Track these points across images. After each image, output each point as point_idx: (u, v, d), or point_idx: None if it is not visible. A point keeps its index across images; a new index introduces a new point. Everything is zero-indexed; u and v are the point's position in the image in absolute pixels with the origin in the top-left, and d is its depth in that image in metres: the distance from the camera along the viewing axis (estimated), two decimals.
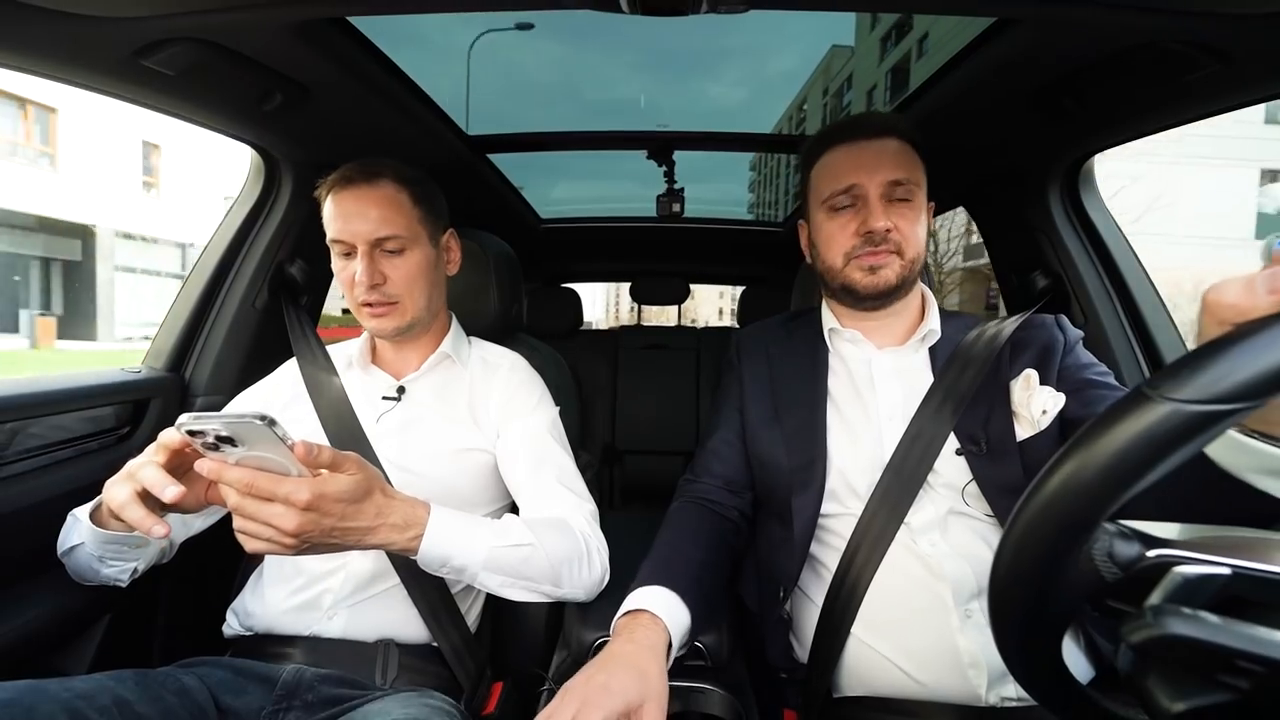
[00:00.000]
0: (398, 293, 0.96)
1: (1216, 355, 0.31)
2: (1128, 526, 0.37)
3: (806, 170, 0.97)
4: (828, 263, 0.93)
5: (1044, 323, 0.93)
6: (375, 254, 0.94)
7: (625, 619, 0.73)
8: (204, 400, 1.24)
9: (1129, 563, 0.36)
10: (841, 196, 0.89)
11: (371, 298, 0.94)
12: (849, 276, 0.90)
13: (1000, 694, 0.75)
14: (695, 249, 2.68)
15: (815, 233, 0.95)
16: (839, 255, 0.90)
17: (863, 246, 0.88)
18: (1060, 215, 1.28)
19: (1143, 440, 0.32)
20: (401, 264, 0.96)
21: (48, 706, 0.65)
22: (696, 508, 0.95)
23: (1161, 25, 0.75)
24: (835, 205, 0.90)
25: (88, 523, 0.78)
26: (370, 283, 0.93)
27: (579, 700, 0.60)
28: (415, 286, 0.98)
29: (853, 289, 0.90)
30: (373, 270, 0.93)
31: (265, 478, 0.62)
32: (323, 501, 0.63)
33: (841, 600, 0.82)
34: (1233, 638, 0.31)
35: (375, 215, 0.93)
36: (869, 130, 0.90)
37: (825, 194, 0.91)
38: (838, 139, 0.92)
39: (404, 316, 0.97)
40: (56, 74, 0.86)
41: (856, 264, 0.89)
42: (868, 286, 0.89)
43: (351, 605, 0.91)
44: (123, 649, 1.06)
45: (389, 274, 0.95)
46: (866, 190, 0.87)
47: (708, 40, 70.79)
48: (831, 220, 0.91)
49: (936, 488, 0.84)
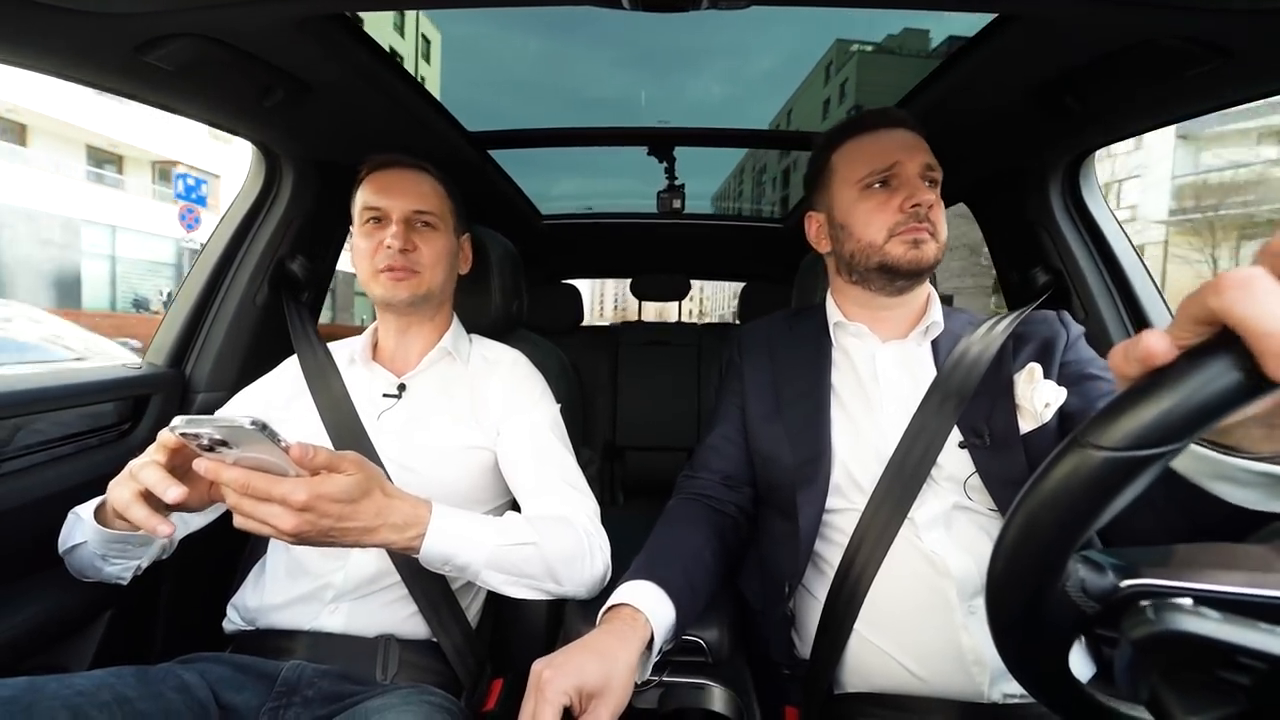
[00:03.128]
0: (424, 263, 1.01)
1: (1134, 404, 0.32)
2: (1096, 558, 0.37)
3: (824, 158, 0.97)
4: (865, 240, 0.91)
5: (1046, 318, 0.93)
6: (408, 226, 1.00)
7: (608, 613, 0.74)
8: (204, 397, 1.24)
9: (1103, 595, 0.36)
10: (881, 175, 0.89)
11: (398, 262, 0.98)
12: (890, 252, 0.89)
13: (1003, 690, 0.75)
14: (696, 245, 2.68)
15: (846, 215, 0.93)
16: (881, 231, 0.89)
17: (907, 221, 0.88)
18: (1061, 211, 1.28)
19: (1085, 488, 0.33)
20: (431, 240, 1.02)
21: (47, 704, 0.65)
22: (693, 503, 0.95)
23: (1162, 21, 0.75)
24: (871, 184, 0.90)
25: (91, 522, 0.78)
26: (402, 247, 0.97)
27: (537, 673, 0.63)
28: (439, 263, 1.03)
29: (893, 265, 0.90)
30: (406, 237, 0.99)
31: (261, 478, 0.62)
32: (320, 502, 0.63)
33: (844, 596, 0.82)
34: (1234, 634, 0.31)
35: (415, 191, 1.02)
36: (896, 121, 0.92)
37: (861, 174, 0.90)
38: (865, 127, 0.93)
39: (421, 286, 1.01)
40: (58, 70, 0.86)
41: (900, 239, 0.88)
42: (911, 261, 0.88)
43: (352, 601, 0.91)
44: (124, 645, 1.06)
45: (420, 244, 1.00)
46: (908, 169, 0.88)
47: (709, 36, 70.71)
48: (867, 199, 0.91)
49: (940, 482, 0.84)
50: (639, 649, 0.70)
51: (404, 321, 1.05)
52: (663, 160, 1.86)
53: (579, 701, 0.63)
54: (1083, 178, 1.26)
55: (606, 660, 0.66)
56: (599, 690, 0.63)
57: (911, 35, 26.60)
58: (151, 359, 1.26)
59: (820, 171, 0.98)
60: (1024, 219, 1.32)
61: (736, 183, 7.57)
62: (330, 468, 0.65)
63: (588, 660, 0.65)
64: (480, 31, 57.83)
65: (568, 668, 0.63)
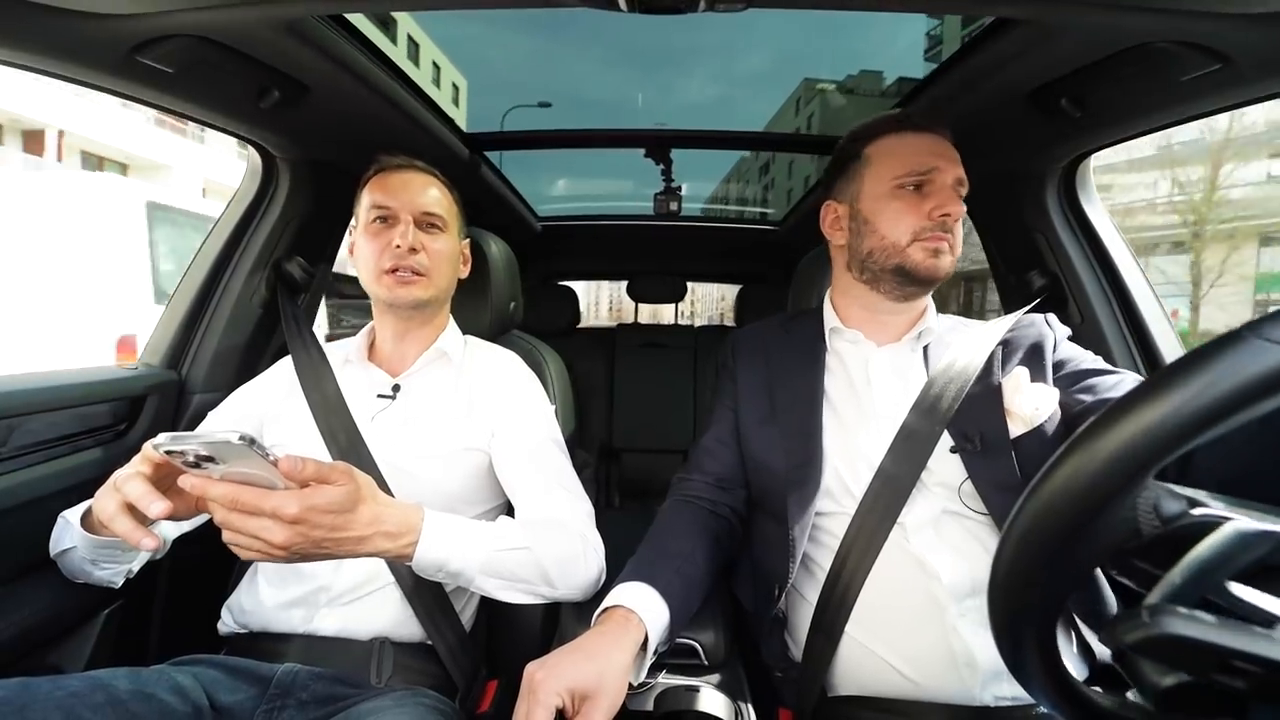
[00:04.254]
0: (430, 266, 1.00)
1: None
2: (1171, 487, 0.36)
3: (858, 148, 0.95)
4: (889, 240, 0.90)
5: (1032, 322, 0.94)
6: (417, 227, 0.99)
7: (602, 615, 0.75)
8: (201, 398, 1.24)
9: (1172, 517, 0.35)
10: (917, 178, 0.89)
11: (404, 263, 0.97)
12: (911, 256, 0.89)
13: (994, 693, 0.75)
14: (692, 247, 2.68)
15: (873, 210, 0.92)
16: (906, 233, 0.89)
17: (933, 229, 0.88)
18: (1057, 214, 1.28)
19: (1251, 381, 0.30)
20: (438, 242, 1.02)
21: (41, 704, 0.65)
22: (686, 505, 0.95)
23: (1159, 25, 0.75)
24: (905, 185, 0.90)
25: (78, 527, 0.78)
26: (410, 248, 0.97)
27: (530, 674, 0.64)
28: (444, 266, 1.03)
29: (910, 270, 0.89)
30: (415, 238, 0.98)
31: (251, 492, 0.61)
32: (311, 514, 0.62)
33: (835, 599, 0.82)
34: (1229, 638, 0.31)
35: (425, 193, 1.01)
36: (940, 127, 0.92)
37: (898, 172, 0.90)
38: (905, 125, 0.92)
39: (427, 289, 1.00)
40: (54, 71, 0.85)
41: (922, 245, 0.88)
42: (929, 269, 0.88)
43: (346, 604, 0.91)
44: (119, 647, 1.05)
45: (426, 246, 1.00)
46: (945, 177, 0.88)
47: (705, 38, 70.71)
48: (899, 199, 0.90)
49: (931, 486, 0.84)
50: (632, 650, 0.70)
51: (403, 325, 1.05)
52: (659, 162, 1.86)
53: (572, 703, 0.63)
54: (1080, 181, 1.26)
55: (599, 661, 0.66)
56: (592, 691, 0.63)
57: (867, 76, 31.80)
58: (148, 360, 1.25)
59: (851, 159, 0.96)
60: (1021, 222, 1.32)
61: (738, 186, 7.53)
62: (320, 479, 0.64)
63: (580, 661, 0.65)
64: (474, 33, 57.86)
65: (560, 669, 0.64)
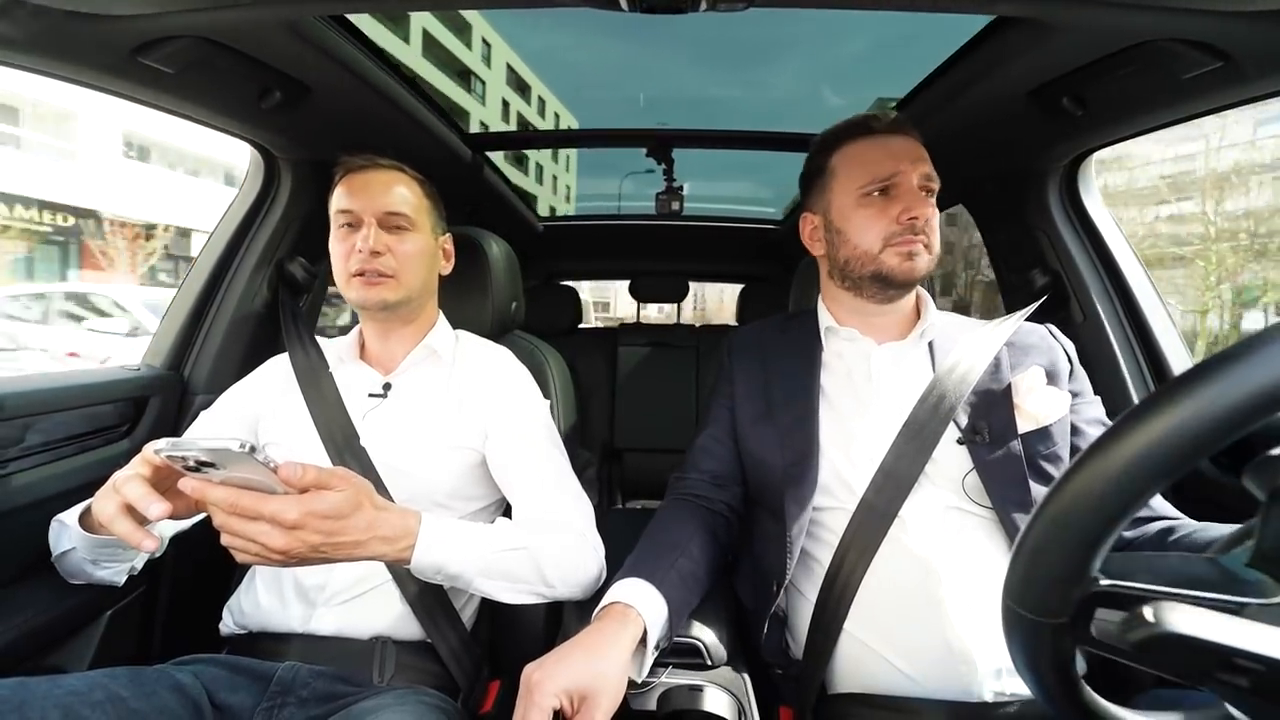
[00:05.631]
0: (396, 267, 0.98)
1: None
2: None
3: (824, 160, 0.96)
4: (861, 249, 0.91)
5: (1042, 336, 0.94)
6: (381, 228, 0.97)
7: (601, 612, 0.75)
8: (203, 398, 1.24)
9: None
10: (881, 184, 0.89)
11: (368, 266, 0.96)
12: (885, 262, 0.89)
13: (994, 689, 0.75)
14: (694, 246, 2.68)
15: (843, 220, 0.93)
16: (877, 240, 0.89)
17: (903, 233, 0.88)
18: (1059, 213, 1.28)
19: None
20: (404, 242, 0.99)
21: (39, 702, 0.65)
22: (683, 503, 0.96)
23: (1160, 24, 0.75)
24: (870, 192, 0.90)
25: (76, 528, 0.78)
26: (372, 250, 0.95)
27: (527, 676, 0.64)
28: (413, 264, 1.00)
29: (886, 275, 0.90)
30: (378, 240, 0.96)
31: (250, 497, 0.60)
32: (310, 519, 0.62)
33: (834, 596, 0.82)
34: (1233, 636, 0.31)
35: (388, 193, 0.98)
36: (899, 127, 0.92)
37: (861, 181, 0.90)
38: (865, 131, 0.92)
39: (396, 291, 0.98)
40: (55, 72, 0.86)
41: (894, 250, 0.89)
42: (905, 272, 0.89)
43: (345, 603, 0.91)
44: (122, 647, 1.05)
45: (392, 247, 0.98)
46: (909, 179, 0.88)
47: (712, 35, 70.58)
48: (866, 207, 0.90)
49: (934, 480, 0.84)
50: (631, 645, 0.70)
51: (382, 325, 1.04)
52: (661, 162, 1.86)
53: (571, 703, 0.63)
54: (1081, 179, 1.26)
55: (597, 659, 0.66)
56: (590, 690, 0.63)
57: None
58: (150, 361, 1.26)
59: (818, 173, 0.97)
60: (1022, 221, 1.32)
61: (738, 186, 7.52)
62: (319, 484, 0.64)
63: (578, 660, 0.65)
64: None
65: (557, 669, 0.64)
